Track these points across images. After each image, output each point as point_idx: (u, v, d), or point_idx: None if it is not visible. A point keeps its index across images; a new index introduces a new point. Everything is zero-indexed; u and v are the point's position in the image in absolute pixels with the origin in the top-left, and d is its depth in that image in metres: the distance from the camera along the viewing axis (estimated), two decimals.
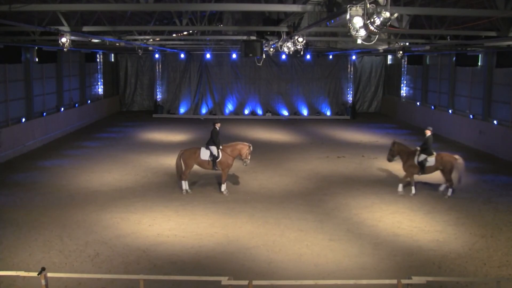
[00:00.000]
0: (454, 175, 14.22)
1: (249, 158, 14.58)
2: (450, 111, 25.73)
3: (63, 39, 13.28)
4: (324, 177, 16.64)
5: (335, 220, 12.50)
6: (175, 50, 30.35)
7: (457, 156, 14.36)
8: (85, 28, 15.14)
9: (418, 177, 16.70)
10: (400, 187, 14.73)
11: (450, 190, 14.33)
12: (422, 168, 14.23)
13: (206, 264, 9.89)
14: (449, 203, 13.87)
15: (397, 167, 18.23)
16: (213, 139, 14.51)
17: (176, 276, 9.07)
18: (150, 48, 24.99)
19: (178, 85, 33.84)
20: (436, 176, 16.90)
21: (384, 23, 7.03)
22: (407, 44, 19.86)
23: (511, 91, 20.45)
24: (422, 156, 14.23)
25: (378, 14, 7.01)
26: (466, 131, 23.49)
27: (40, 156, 19.71)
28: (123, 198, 14.21)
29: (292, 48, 14.65)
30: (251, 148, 14.60)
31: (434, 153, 14.35)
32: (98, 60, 31.99)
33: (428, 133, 14.37)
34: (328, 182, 16.03)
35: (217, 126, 14.69)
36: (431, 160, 14.20)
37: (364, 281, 8.20)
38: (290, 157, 20.04)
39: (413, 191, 14.57)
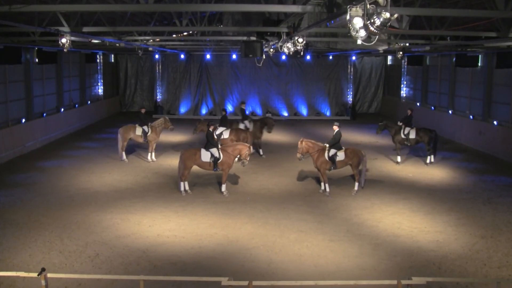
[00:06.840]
0: (360, 169, 14.92)
1: (248, 159, 14.69)
2: (450, 111, 25.74)
3: (63, 40, 13.30)
4: None
5: (335, 221, 12.51)
6: (175, 51, 30.35)
7: (363, 152, 15.12)
8: (85, 29, 15.17)
9: (417, 177, 16.79)
10: (326, 187, 14.88)
11: (356, 185, 15.02)
12: (334, 162, 14.73)
13: (206, 265, 9.89)
14: (449, 203, 13.88)
15: (397, 168, 18.26)
16: (210, 141, 14.59)
17: (176, 276, 9.06)
18: (150, 48, 25.01)
19: (178, 86, 33.87)
20: (433, 176, 16.88)
21: (384, 23, 7.03)
22: (407, 44, 19.86)
23: (511, 92, 20.46)
24: (332, 151, 14.74)
25: (378, 14, 7.01)
26: (466, 132, 23.49)
27: (40, 157, 19.71)
28: (123, 198, 14.22)
29: (292, 49, 14.65)
30: (251, 149, 14.72)
31: (343, 147, 14.97)
32: (98, 60, 31.99)
33: (336, 128, 14.93)
34: (328, 182, 16.01)
35: (211, 128, 14.94)
36: (341, 155, 14.80)
37: (364, 282, 8.20)
38: (290, 158, 19.98)
39: (327, 188, 14.82)
